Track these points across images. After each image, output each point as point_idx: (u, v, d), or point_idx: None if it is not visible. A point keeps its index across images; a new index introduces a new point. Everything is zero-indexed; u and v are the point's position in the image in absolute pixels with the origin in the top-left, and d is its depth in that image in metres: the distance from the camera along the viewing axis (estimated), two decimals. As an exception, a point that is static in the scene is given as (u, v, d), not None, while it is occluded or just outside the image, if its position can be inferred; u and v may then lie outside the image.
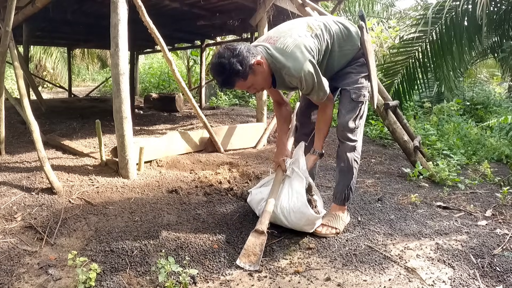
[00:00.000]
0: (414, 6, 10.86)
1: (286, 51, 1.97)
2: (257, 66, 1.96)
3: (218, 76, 1.96)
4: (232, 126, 4.44)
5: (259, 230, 2.05)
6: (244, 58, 1.91)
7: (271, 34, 2.13)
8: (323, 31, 2.13)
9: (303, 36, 2.01)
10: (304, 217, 2.11)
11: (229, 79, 1.95)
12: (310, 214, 2.10)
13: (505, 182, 3.32)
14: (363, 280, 1.78)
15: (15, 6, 3.01)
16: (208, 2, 4.95)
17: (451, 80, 5.77)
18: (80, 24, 6.20)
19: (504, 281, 1.77)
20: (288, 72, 1.98)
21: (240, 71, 1.91)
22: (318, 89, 2.03)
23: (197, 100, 8.79)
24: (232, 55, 1.90)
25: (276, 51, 2.00)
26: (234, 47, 1.93)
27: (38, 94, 6.06)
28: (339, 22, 2.23)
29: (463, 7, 5.19)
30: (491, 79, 10.67)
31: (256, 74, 1.98)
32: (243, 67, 1.91)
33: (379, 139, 5.17)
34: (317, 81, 2.00)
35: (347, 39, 2.21)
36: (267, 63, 2.01)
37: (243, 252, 1.96)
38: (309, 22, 2.16)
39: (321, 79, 2.01)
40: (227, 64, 1.89)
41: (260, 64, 1.96)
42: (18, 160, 3.49)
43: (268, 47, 2.03)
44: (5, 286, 1.70)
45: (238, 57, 1.90)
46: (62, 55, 13.71)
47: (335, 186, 2.35)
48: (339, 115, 2.22)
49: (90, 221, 2.32)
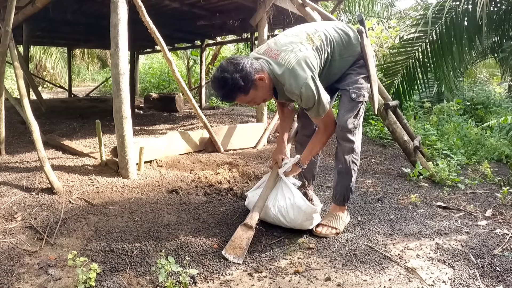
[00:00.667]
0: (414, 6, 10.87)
1: (287, 67, 1.95)
2: (259, 82, 1.95)
3: (219, 90, 1.95)
4: (232, 126, 4.44)
5: (247, 224, 2.07)
6: (247, 73, 1.90)
7: (272, 46, 2.09)
8: (324, 42, 2.10)
9: (304, 51, 1.98)
10: (302, 211, 2.11)
11: (231, 93, 1.94)
12: (307, 206, 2.11)
13: (505, 182, 3.32)
14: (363, 280, 1.78)
15: (15, 6, 3.01)
16: (208, 2, 4.95)
17: (451, 80, 5.77)
18: (80, 24, 6.20)
19: (504, 281, 1.77)
20: (289, 89, 1.97)
21: (242, 86, 1.90)
22: (318, 105, 2.00)
23: (197, 100, 8.79)
24: (235, 70, 1.89)
25: (278, 66, 1.98)
26: (238, 61, 1.92)
27: (38, 94, 6.05)
28: (338, 29, 2.21)
29: (463, 7, 5.19)
30: (491, 79, 10.68)
31: (258, 89, 1.98)
32: (246, 83, 1.90)
33: (379, 139, 5.17)
34: (317, 98, 1.96)
35: (348, 46, 2.19)
36: (269, 77, 2.00)
37: (229, 244, 1.99)
38: (309, 32, 2.11)
39: (321, 96, 1.98)
40: (229, 79, 1.88)
41: (262, 79, 1.96)
42: (18, 160, 3.49)
43: (269, 61, 2.01)
44: (5, 286, 1.70)
45: (241, 73, 1.89)
46: (62, 55, 13.72)
47: (334, 186, 2.34)
48: (338, 116, 2.21)
49: (90, 221, 2.32)
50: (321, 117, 2.07)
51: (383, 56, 7.51)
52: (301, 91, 1.93)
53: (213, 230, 2.25)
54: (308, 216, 2.14)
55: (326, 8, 7.83)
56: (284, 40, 2.09)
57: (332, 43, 2.14)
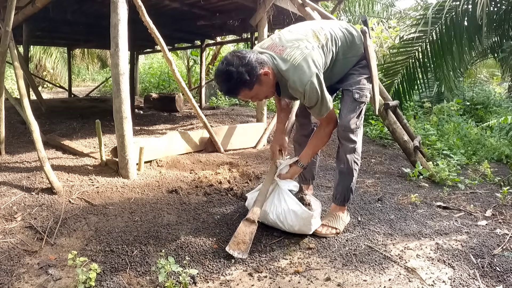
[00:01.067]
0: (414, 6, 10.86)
1: (293, 64, 1.92)
2: (264, 77, 1.92)
3: (223, 84, 1.91)
4: (232, 126, 4.44)
5: (250, 219, 2.06)
6: (252, 68, 1.86)
7: (276, 41, 2.06)
8: (329, 41, 2.08)
9: (310, 49, 1.95)
10: (298, 216, 2.10)
11: (235, 88, 1.91)
12: (302, 211, 2.09)
13: (505, 182, 3.32)
14: (363, 280, 1.78)
15: (15, 6, 3.01)
16: (208, 2, 4.95)
17: (451, 80, 5.77)
18: (80, 24, 6.20)
19: (504, 281, 1.77)
20: (292, 85, 1.94)
21: (247, 81, 1.87)
22: (321, 104, 1.98)
23: (197, 100, 8.78)
24: (241, 64, 1.85)
25: (283, 62, 1.95)
26: (243, 55, 1.89)
27: (38, 94, 6.05)
28: (343, 28, 2.20)
29: (463, 7, 5.19)
30: (491, 79, 10.68)
31: (262, 84, 1.95)
32: (251, 77, 1.87)
33: (379, 139, 5.17)
34: (321, 96, 1.95)
35: (351, 45, 2.18)
36: (273, 73, 1.97)
37: (232, 240, 1.99)
38: (315, 30, 2.09)
39: (325, 95, 1.97)
40: (235, 72, 1.85)
41: (267, 74, 1.93)
42: (18, 160, 3.49)
43: (274, 56, 1.98)
44: (5, 286, 1.70)
45: (247, 67, 1.86)
46: (62, 55, 13.72)
47: (335, 186, 2.34)
48: (341, 116, 2.20)
49: (90, 221, 2.32)
50: (323, 116, 2.06)
51: (383, 56, 7.51)
52: (305, 89, 1.91)
53: (213, 230, 2.25)
54: (306, 221, 2.12)
55: (326, 8, 7.83)
56: (290, 36, 2.05)
57: (337, 42, 2.12)
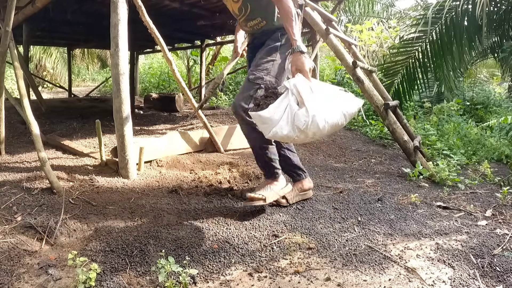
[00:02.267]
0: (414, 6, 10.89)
1: None
2: None
3: None
4: (232, 126, 4.44)
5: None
6: None
7: None
8: None
9: None
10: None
11: None
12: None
13: (505, 182, 3.32)
14: (363, 280, 1.78)
15: (15, 6, 3.01)
16: (208, 2, 4.95)
17: (451, 80, 5.77)
18: (80, 24, 6.19)
19: (504, 281, 1.77)
20: None
21: None
22: None
23: (197, 100, 8.77)
24: None
25: None
26: None
27: (38, 94, 6.05)
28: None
29: (463, 7, 5.19)
30: (491, 79, 10.69)
31: None
32: None
33: (379, 139, 5.17)
34: None
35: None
36: None
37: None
38: None
39: None
40: None
41: None
42: (18, 160, 3.49)
43: None
44: (5, 286, 1.70)
45: None
46: (62, 55, 13.71)
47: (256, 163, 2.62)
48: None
49: (90, 221, 2.32)
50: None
51: (383, 56, 7.52)
52: None
53: (213, 230, 2.25)
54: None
55: (326, 8, 7.82)
56: None
57: None
